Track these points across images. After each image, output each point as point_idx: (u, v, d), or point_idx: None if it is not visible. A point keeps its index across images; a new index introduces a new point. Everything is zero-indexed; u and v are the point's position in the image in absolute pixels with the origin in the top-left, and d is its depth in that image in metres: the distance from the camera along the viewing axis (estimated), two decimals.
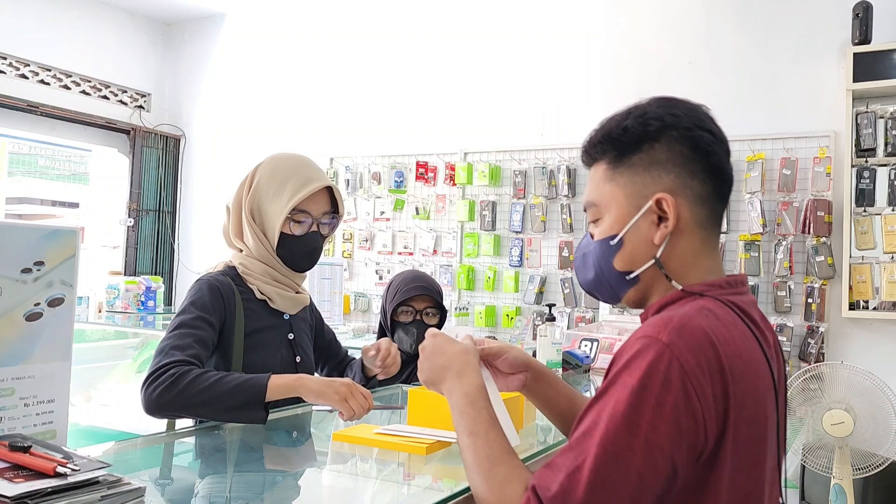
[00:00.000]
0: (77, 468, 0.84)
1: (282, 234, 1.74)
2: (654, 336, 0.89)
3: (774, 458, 0.99)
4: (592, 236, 1.10)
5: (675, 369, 0.86)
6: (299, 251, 1.77)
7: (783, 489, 1.07)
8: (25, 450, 0.87)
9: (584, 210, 1.12)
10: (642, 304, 1.08)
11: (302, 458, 1.52)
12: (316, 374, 1.92)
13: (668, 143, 1.02)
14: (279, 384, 1.49)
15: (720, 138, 1.05)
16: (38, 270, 1.03)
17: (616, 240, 1.05)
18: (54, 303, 1.05)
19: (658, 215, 1.02)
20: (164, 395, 1.48)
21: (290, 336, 1.83)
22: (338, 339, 2.11)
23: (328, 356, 2.06)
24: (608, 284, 1.08)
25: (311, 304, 2.01)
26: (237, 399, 1.47)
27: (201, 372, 1.51)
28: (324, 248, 1.86)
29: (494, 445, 0.96)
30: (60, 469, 0.82)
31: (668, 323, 0.90)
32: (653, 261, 1.03)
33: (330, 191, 1.81)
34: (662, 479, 0.86)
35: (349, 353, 2.10)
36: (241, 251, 1.81)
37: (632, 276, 1.05)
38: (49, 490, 0.79)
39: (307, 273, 1.88)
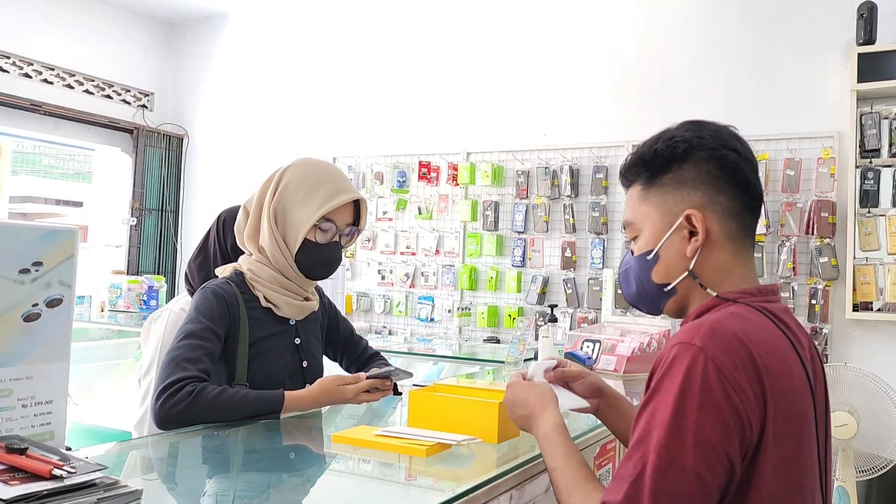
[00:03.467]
0: (73, 470, 0.83)
1: (304, 240, 1.72)
2: (688, 342, 0.96)
3: (815, 457, 1.03)
4: (633, 253, 1.18)
5: (712, 370, 0.92)
6: (319, 260, 1.75)
7: (824, 489, 1.09)
8: (22, 451, 0.86)
9: (623, 229, 1.22)
10: (682, 314, 1.15)
11: (302, 459, 1.52)
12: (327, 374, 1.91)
13: (695, 162, 1.10)
14: (293, 407, 1.62)
15: (745, 156, 1.11)
16: (37, 271, 1.03)
17: (652, 255, 1.13)
18: (53, 303, 1.05)
19: (689, 230, 1.09)
20: (182, 414, 1.51)
21: (297, 341, 1.82)
22: (356, 332, 2.09)
23: (346, 351, 2.05)
24: (649, 297, 1.16)
25: (326, 301, 2.00)
26: (253, 417, 1.58)
27: (218, 392, 1.55)
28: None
29: (570, 475, 1.06)
30: (56, 471, 0.82)
31: (700, 328, 0.97)
32: (687, 272, 1.10)
33: (356, 203, 1.79)
34: (722, 475, 0.91)
35: (369, 347, 2.10)
36: (251, 255, 1.80)
37: (669, 287, 1.13)
38: (44, 493, 0.79)
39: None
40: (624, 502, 0.91)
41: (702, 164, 1.09)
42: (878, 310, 3.42)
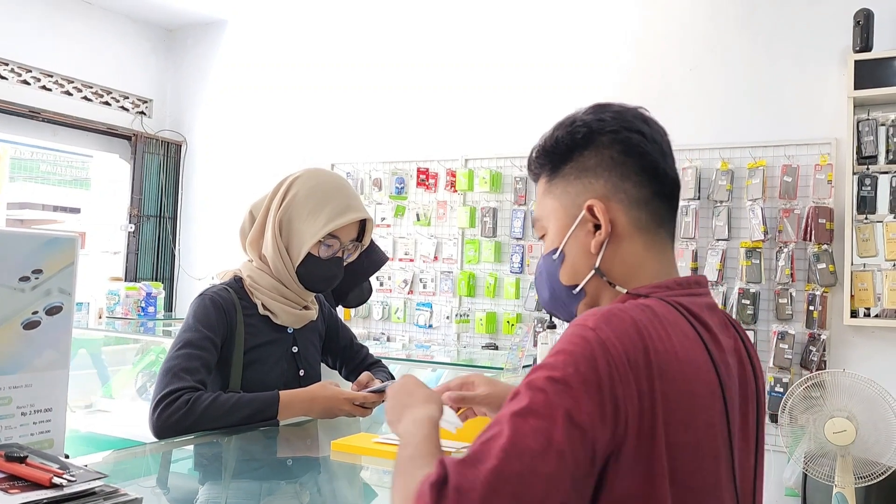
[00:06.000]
0: (73, 479, 0.83)
1: (307, 253, 1.72)
2: (580, 323, 0.85)
3: (728, 471, 0.90)
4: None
5: (600, 351, 0.81)
6: (320, 274, 1.75)
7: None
8: (22, 460, 0.86)
9: (532, 226, 1.11)
10: None
11: (301, 466, 1.51)
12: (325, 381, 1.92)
13: (596, 148, 0.99)
14: (288, 406, 1.62)
15: (652, 138, 1.00)
16: (37, 279, 1.03)
17: (557, 253, 1.02)
18: (52, 311, 1.05)
19: (593, 223, 0.98)
20: (179, 423, 1.52)
21: (294, 349, 1.82)
22: (356, 340, 2.09)
23: (345, 359, 2.05)
24: (561, 301, 1.04)
25: (327, 309, 2.00)
26: (250, 423, 1.59)
27: (213, 398, 1.55)
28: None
29: (418, 455, 0.90)
30: (56, 480, 0.82)
31: (597, 312, 0.86)
32: (593, 271, 0.99)
33: (363, 219, 1.79)
34: (582, 459, 0.77)
35: (369, 355, 2.09)
36: (252, 261, 1.80)
37: (577, 289, 1.01)
38: (45, 501, 0.79)
39: None
40: (468, 458, 0.76)
41: (603, 149, 0.99)
42: (876, 316, 3.42)
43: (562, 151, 1.02)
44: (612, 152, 0.98)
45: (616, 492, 0.80)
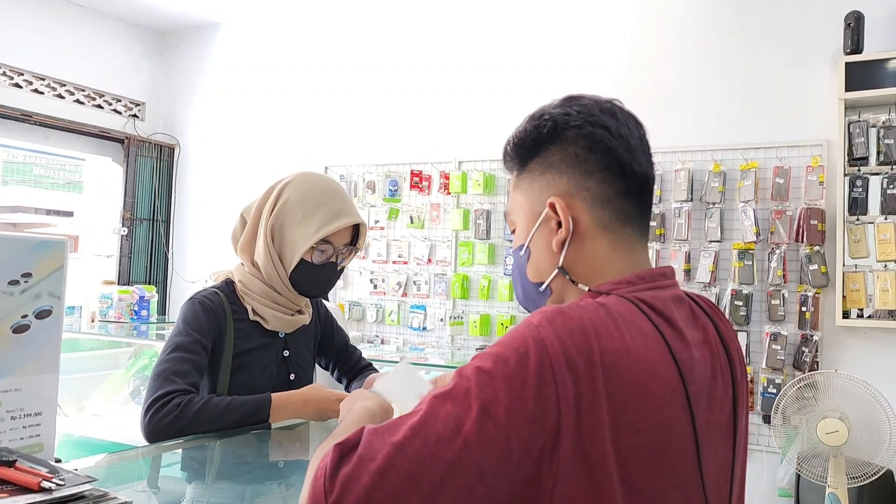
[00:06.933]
0: (62, 482, 0.83)
1: (301, 259, 1.70)
2: (528, 320, 0.83)
3: (694, 471, 0.87)
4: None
5: (534, 349, 0.79)
6: (314, 280, 1.74)
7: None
8: (10, 464, 0.86)
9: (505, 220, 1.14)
10: None
11: (292, 469, 1.51)
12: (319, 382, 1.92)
13: (561, 143, 0.97)
14: (281, 408, 1.61)
15: (618, 133, 0.96)
16: (26, 282, 1.03)
17: (523, 250, 1.01)
18: (42, 315, 1.05)
19: (557, 221, 0.96)
20: (170, 426, 1.51)
21: (286, 353, 1.81)
22: (351, 344, 2.09)
23: (339, 361, 2.05)
24: (531, 298, 1.03)
25: (322, 310, 1.99)
26: (242, 426, 1.58)
27: (205, 401, 1.54)
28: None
29: (350, 428, 0.94)
30: (45, 484, 0.82)
31: (547, 310, 0.84)
32: (557, 270, 0.97)
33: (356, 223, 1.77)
34: (494, 454, 0.75)
35: (362, 359, 2.09)
36: (243, 265, 1.79)
37: (543, 287, 1.00)
38: None
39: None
40: (375, 430, 0.77)
41: (568, 145, 0.96)
42: (868, 317, 3.44)
43: (529, 146, 1.00)
44: (577, 148, 0.96)
45: (556, 495, 0.78)
